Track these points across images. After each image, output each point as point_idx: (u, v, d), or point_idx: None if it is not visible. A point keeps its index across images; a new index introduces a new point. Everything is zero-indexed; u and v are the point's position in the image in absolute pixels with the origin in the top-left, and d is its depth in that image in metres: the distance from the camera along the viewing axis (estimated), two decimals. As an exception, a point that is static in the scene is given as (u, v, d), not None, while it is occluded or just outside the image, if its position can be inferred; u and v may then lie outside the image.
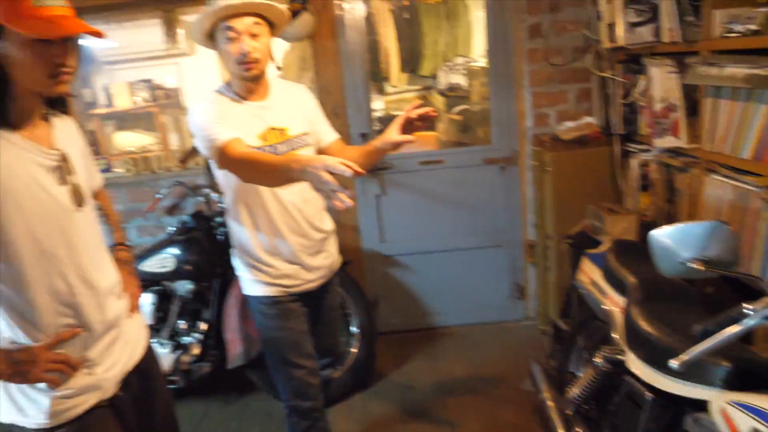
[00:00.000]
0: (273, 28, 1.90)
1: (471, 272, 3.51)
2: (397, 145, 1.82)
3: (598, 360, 1.84)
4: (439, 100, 5.13)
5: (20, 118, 1.30)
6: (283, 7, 1.86)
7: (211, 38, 1.86)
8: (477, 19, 5.01)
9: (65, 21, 1.23)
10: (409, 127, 1.82)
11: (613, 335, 1.85)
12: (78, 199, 1.40)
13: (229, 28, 1.79)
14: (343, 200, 1.32)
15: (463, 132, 4.87)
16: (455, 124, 4.90)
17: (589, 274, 2.20)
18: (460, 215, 3.43)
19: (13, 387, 1.33)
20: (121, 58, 4.84)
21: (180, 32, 4.62)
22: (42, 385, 1.32)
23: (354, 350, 3.03)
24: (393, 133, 1.82)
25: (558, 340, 2.65)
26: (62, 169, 1.37)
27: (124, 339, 1.52)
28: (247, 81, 1.88)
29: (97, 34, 1.29)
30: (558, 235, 2.93)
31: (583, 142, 2.88)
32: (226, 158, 1.74)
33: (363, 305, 3.10)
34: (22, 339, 1.31)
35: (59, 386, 1.34)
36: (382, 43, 4.82)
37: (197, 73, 5.15)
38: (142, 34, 4.40)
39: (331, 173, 1.34)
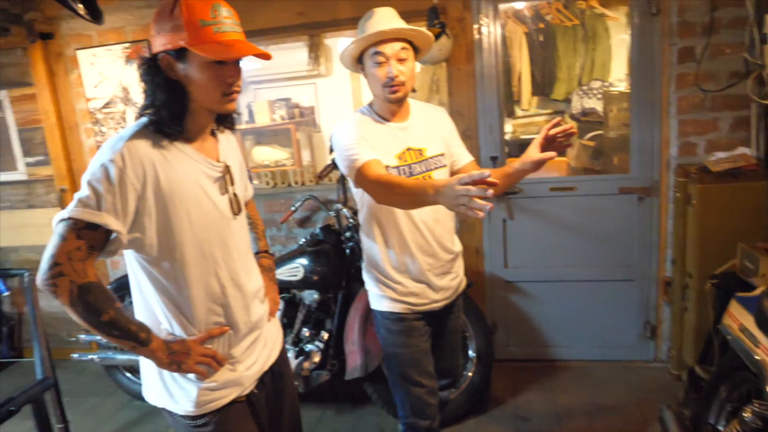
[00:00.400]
0: (417, 52, 1.96)
1: (598, 306, 3.34)
2: (538, 164, 1.76)
3: (747, 415, 1.69)
4: (571, 125, 4.98)
5: (194, 132, 1.44)
6: (429, 33, 1.91)
7: (358, 61, 1.95)
8: (618, 42, 4.83)
9: (240, 45, 1.35)
10: (548, 146, 1.77)
11: (766, 389, 1.67)
12: (235, 208, 1.52)
13: (378, 53, 1.85)
14: (482, 206, 1.31)
15: (595, 159, 4.68)
16: (587, 150, 4.72)
17: (739, 319, 2.01)
18: (589, 245, 3.28)
19: (167, 375, 1.46)
20: (265, 78, 5.22)
21: (321, 55, 4.89)
22: (191, 375, 1.43)
23: (470, 374, 2.99)
24: (533, 152, 1.77)
25: (695, 388, 2.46)
26: (225, 180, 1.49)
27: (263, 341, 1.62)
28: (391, 103, 1.94)
29: (266, 56, 1.40)
30: (700, 274, 2.71)
31: (735, 175, 2.65)
32: (364, 178, 1.81)
33: (482, 330, 3.05)
34: (178, 331, 1.44)
35: (206, 378, 1.44)
36: (514, 65, 4.79)
37: (332, 93, 5.42)
38: (287, 56, 4.71)
39: (467, 184, 1.35)
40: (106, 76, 3.54)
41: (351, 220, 2.94)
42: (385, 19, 1.85)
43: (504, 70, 3.44)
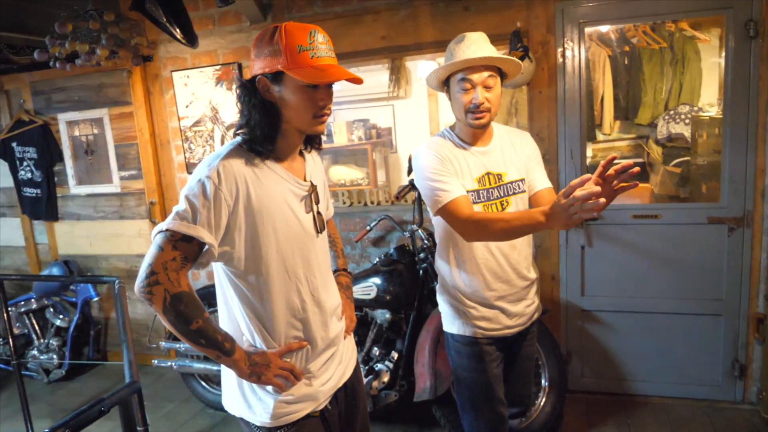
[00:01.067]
0: (505, 77, 1.96)
1: (681, 340, 3.17)
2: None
3: None
4: (656, 150, 4.80)
5: (285, 151, 1.50)
6: (518, 60, 1.91)
7: (444, 83, 1.97)
8: (710, 65, 4.63)
9: (333, 69, 1.40)
10: (606, 187, 1.47)
11: None
12: (319, 226, 1.57)
13: (466, 80, 1.87)
14: (595, 202, 1.35)
15: (681, 186, 4.49)
16: (672, 176, 4.54)
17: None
18: (673, 276, 3.12)
19: (246, 386, 1.51)
20: (345, 99, 5.36)
21: (401, 78, 4.96)
22: (269, 388, 1.48)
23: (542, 404, 2.91)
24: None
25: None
26: (310, 198, 1.55)
27: (339, 357, 1.64)
28: (474, 129, 1.94)
29: (357, 80, 1.46)
30: (799, 313, 2.53)
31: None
32: (453, 218, 1.84)
33: (555, 359, 2.97)
34: (259, 344, 1.49)
35: (284, 391, 1.48)
36: (597, 89, 4.68)
37: (409, 115, 5.49)
38: (368, 77, 4.83)
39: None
40: (197, 96, 3.75)
41: (425, 242, 2.95)
42: (476, 44, 1.86)
43: (587, 93, 3.37)
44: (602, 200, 1.35)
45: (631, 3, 2.97)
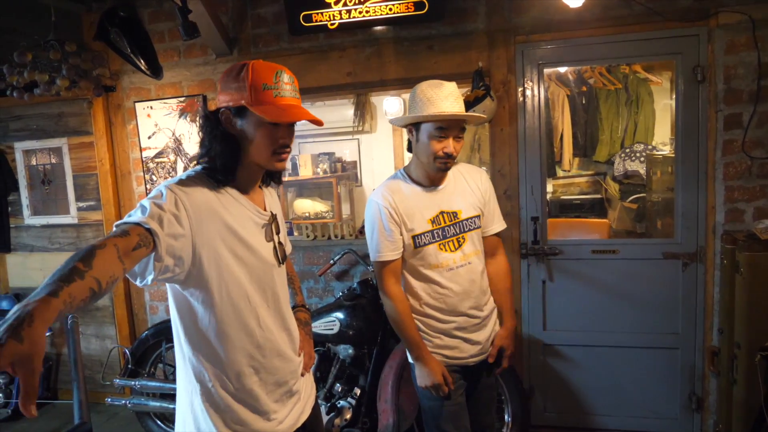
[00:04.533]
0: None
1: (640, 374, 3.22)
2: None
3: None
4: (613, 187, 4.96)
5: (245, 183, 1.51)
6: (486, 117, 2.01)
7: (413, 124, 2.01)
8: (662, 106, 4.83)
9: (295, 110, 1.43)
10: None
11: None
12: (280, 256, 1.57)
13: (442, 130, 1.93)
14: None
15: (637, 221, 4.62)
16: (629, 212, 4.67)
17: (795, 396, 1.91)
18: (632, 311, 3.19)
19: (201, 419, 1.45)
20: (310, 132, 5.38)
21: (366, 113, 5.03)
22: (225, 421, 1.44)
23: (505, 439, 2.90)
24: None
25: (746, 468, 2.31)
26: (271, 228, 1.56)
27: (297, 395, 1.61)
28: (437, 173, 2.02)
29: (318, 123, 1.49)
30: (750, 346, 2.59)
31: (786, 244, 2.57)
32: (377, 276, 2.08)
33: (518, 393, 2.97)
34: (208, 377, 1.45)
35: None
36: (556, 126, 4.83)
37: (374, 149, 5.55)
38: (334, 112, 4.88)
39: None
40: (160, 127, 3.71)
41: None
42: (453, 96, 1.93)
43: (546, 131, 3.47)
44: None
45: (588, 46, 3.10)
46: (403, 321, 2.01)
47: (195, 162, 1.50)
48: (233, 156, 1.44)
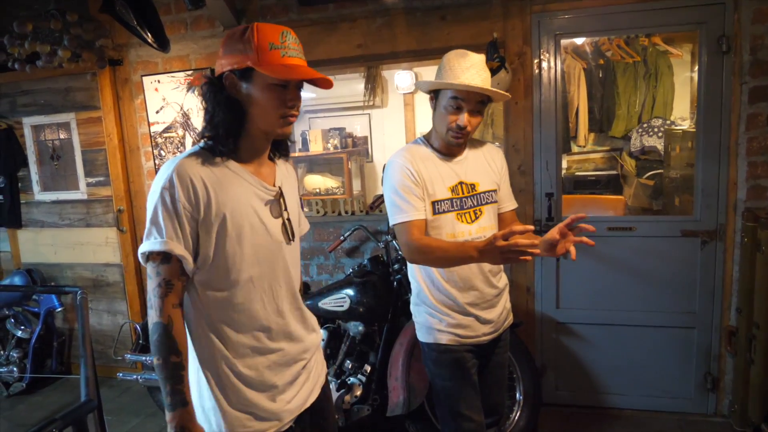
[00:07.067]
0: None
1: (655, 353, 3.17)
2: (551, 247, 1.66)
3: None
4: (629, 163, 4.85)
5: (249, 154, 1.45)
6: (508, 95, 1.93)
7: (434, 91, 1.95)
8: (681, 80, 4.69)
9: (303, 69, 1.37)
10: (562, 240, 1.64)
11: None
12: (289, 233, 1.51)
13: (458, 100, 1.86)
14: (532, 252, 1.47)
15: (653, 198, 4.53)
16: (645, 189, 4.57)
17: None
18: (648, 289, 3.13)
19: (207, 400, 1.43)
20: (321, 107, 5.31)
21: (377, 87, 4.94)
22: (227, 403, 1.42)
23: (516, 417, 2.88)
24: (553, 233, 1.65)
25: (763, 448, 2.28)
26: (278, 203, 1.50)
27: (307, 373, 1.57)
28: (451, 146, 1.96)
29: (327, 82, 1.42)
30: (770, 326, 2.54)
31: (811, 222, 2.49)
32: (402, 236, 1.90)
33: (530, 371, 2.93)
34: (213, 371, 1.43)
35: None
36: (572, 101, 4.71)
37: (385, 124, 5.46)
38: (344, 86, 4.79)
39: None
40: (168, 101, 3.66)
41: (400, 253, 2.90)
42: (476, 68, 1.85)
43: (562, 105, 3.37)
44: (536, 251, 1.48)
45: (607, 16, 2.98)
46: (438, 247, 1.79)
47: (200, 138, 1.44)
48: (237, 122, 1.39)
